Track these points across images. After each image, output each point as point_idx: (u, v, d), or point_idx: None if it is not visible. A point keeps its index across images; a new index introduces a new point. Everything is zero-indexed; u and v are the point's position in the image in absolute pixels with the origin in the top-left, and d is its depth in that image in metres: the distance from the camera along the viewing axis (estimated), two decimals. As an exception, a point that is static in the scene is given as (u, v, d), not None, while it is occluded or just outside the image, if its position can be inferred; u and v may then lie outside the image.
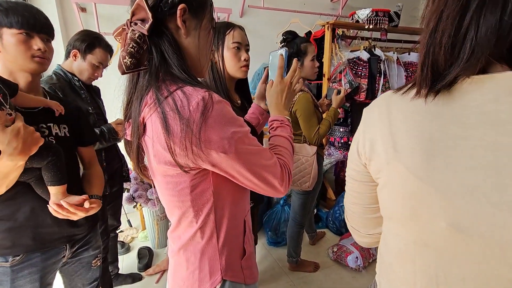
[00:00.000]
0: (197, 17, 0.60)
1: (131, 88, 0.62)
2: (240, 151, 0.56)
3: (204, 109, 0.52)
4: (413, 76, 2.95)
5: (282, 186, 0.63)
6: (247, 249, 0.72)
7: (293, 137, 0.76)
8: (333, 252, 2.08)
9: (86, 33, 1.37)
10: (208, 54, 0.66)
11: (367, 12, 2.49)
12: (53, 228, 0.90)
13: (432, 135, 0.39)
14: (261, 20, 2.89)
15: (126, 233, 2.46)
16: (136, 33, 0.55)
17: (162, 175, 0.61)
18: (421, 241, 0.43)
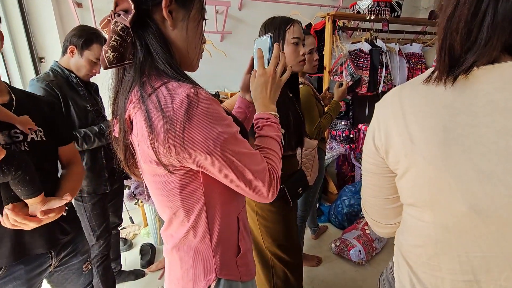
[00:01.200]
0: (185, 8, 0.57)
1: (117, 83, 0.59)
2: (226, 153, 0.54)
3: (188, 107, 0.49)
4: (415, 67, 2.91)
5: (270, 192, 0.60)
6: (242, 247, 0.70)
7: (281, 135, 0.71)
8: (336, 246, 2.08)
9: (83, 28, 1.34)
10: (198, 47, 0.63)
11: (368, 2, 2.44)
12: (33, 233, 0.83)
13: (445, 125, 0.41)
14: (260, 13, 2.84)
15: (128, 230, 2.47)
16: (119, 25, 0.52)
17: (150, 174, 0.60)
18: (442, 225, 0.45)
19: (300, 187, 1.21)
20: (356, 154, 2.76)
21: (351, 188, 2.49)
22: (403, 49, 2.87)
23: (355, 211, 2.35)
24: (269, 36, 0.73)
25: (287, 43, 1.07)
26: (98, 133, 1.35)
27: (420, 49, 2.94)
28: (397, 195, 0.54)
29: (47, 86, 1.23)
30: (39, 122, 0.86)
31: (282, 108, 1.06)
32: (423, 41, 3.05)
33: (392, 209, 0.58)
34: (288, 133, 1.10)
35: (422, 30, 3.11)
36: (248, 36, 2.83)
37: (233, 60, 2.81)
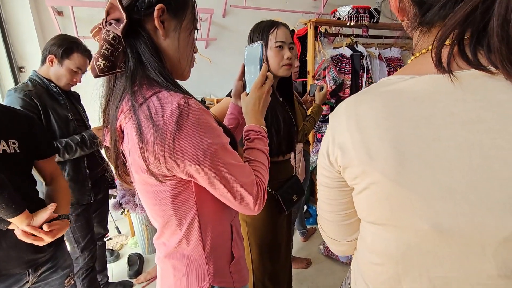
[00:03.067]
0: (177, 18, 0.58)
1: (108, 91, 0.59)
2: (216, 164, 0.54)
3: (179, 117, 0.50)
4: (395, 71, 3.01)
5: (256, 205, 0.61)
6: (235, 254, 0.70)
7: (268, 149, 0.73)
8: (324, 248, 2.10)
9: (63, 37, 1.33)
10: (189, 56, 0.64)
11: (348, 9, 2.52)
12: (9, 253, 0.82)
13: (405, 139, 0.38)
14: (244, 20, 2.89)
15: (115, 241, 2.41)
16: (110, 34, 0.52)
17: (142, 183, 0.60)
18: (403, 244, 0.43)
19: (294, 194, 1.19)
20: (342, 156, 2.82)
21: (337, 190, 2.53)
22: (383, 53, 2.97)
23: (342, 212, 2.39)
24: (259, 44, 0.74)
25: (270, 47, 1.07)
26: (80, 143, 1.33)
27: (399, 53, 3.05)
28: (353, 209, 0.52)
29: (26, 96, 1.21)
30: (12, 135, 0.84)
31: (272, 113, 1.07)
32: (401, 45, 3.17)
33: (349, 225, 0.55)
34: (278, 138, 1.10)
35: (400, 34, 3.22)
36: (232, 42, 2.87)
37: (218, 66, 2.84)
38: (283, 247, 1.25)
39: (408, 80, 0.40)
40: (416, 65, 0.43)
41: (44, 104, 1.26)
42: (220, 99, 2.57)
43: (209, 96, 2.83)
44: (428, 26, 0.42)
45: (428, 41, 0.43)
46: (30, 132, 0.90)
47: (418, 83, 0.39)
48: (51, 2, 2.02)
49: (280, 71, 1.09)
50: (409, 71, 0.43)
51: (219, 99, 2.57)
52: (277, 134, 1.09)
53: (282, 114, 1.11)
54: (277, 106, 1.10)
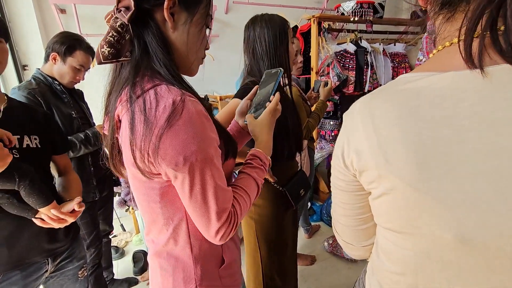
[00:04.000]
0: (188, 11, 0.56)
1: (113, 78, 0.59)
2: (193, 175, 0.51)
3: (170, 114, 0.48)
4: (399, 66, 2.98)
5: (217, 235, 0.56)
6: (226, 258, 0.68)
7: (262, 181, 0.69)
8: (329, 244, 2.10)
9: (66, 35, 1.33)
10: (198, 52, 0.62)
11: (352, 4, 2.49)
12: (31, 243, 0.86)
13: (424, 141, 0.35)
14: (246, 16, 2.84)
15: (119, 238, 2.43)
16: (118, 21, 0.52)
17: (132, 177, 0.59)
18: (422, 253, 0.40)
19: (301, 188, 1.19)
20: (346, 153, 2.80)
21: (341, 187, 2.52)
22: (387, 49, 2.94)
23: (347, 209, 2.39)
24: (279, 71, 0.75)
25: (290, 42, 1.07)
26: (84, 140, 1.33)
27: (403, 49, 3.01)
28: (370, 213, 0.49)
29: (29, 94, 1.21)
30: (34, 131, 0.88)
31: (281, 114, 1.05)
32: (406, 40, 3.13)
33: (366, 230, 0.52)
34: (288, 138, 1.10)
35: (405, 30, 3.19)
36: (235, 39, 2.85)
37: (221, 63, 2.82)
38: (290, 242, 1.26)
39: (429, 77, 0.37)
40: (438, 60, 0.40)
41: (47, 102, 1.26)
42: (224, 97, 2.57)
43: (212, 93, 2.82)
44: (451, 9, 0.39)
45: (452, 29, 0.39)
46: (48, 128, 0.95)
47: (440, 81, 0.36)
48: (54, 0, 2.02)
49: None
50: (429, 67, 0.40)
51: (222, 97, 2.56)
52: (286, 135, 1.09)
53: (289, 113, 1.10)
54: (286, 105, 1.08)
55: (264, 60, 1.05)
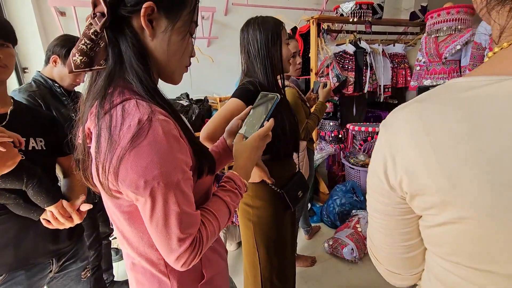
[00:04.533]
0: (169, 19, 0.53)
1: (89, 85, 0.55)
2: (155, 201, 0.48)
3: (134, 134, 0.45)
4: (398, 67, 2.98)
5: (178, 262, 0.51)
6: (206, 273, 0.64)
7: (236, 206, 0.64)
8: (329, 246, 2.10)
9: (66, 38, 1.33)
10: (182, 60, 0.58)
11: (351, 5, 2.50)
12: (36, 244, 0.87)
13: (500, 160, 0.29)
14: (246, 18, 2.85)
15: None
16: (91, 28, 0.49)
17: (101, 192, 0.56)
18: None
19: (299, 190, 1.19)
20: (346, 153, 2.81)
21: (342, 188, 2.52)
22: (387, 49, 2.94)
23: (347, 210, 2.38)
24: (277, 97, 0.73)
25: (283, 43, 1.08)
26: (84, 142, 1.33)
27: (403, 49, 3.02)
28: (420, 238, 0.42)
29: (30, 97, 1.22)
30: (39, 133, 0.90)
31: (278, 114, 1.04)
32: (405, 41, 3.14)
33: (415, 256, 0.44)
34: (285, 139, 1.10)
35: (404, 30, 3.20)
36: (234, 40, 2.84)
37: (220, 65, 2.83)
38: (289, 244, 1.26)
39: (503, 82, 0.31)
40: (502, 62, 0.34)
41: (48, 104, 1.27)
42: (223, 98, 2.57)
43: (211, 94, 2.83)
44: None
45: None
46: (53, 130, 0.96)
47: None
48: (54, 3, 2.02)
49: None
50: (495, 69, 0.34)
51: (222, 98, 2.57)
52: (283, 135, 1.09)
53: (287, 115, 1.11)
54: (284, 108, 1.11)
55: (257, 61, 1.07)
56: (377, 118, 3.23)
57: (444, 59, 2.29)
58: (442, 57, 2.29)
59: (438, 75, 2.36)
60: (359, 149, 2.71)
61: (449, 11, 2.21)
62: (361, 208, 2.39)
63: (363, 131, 2.66)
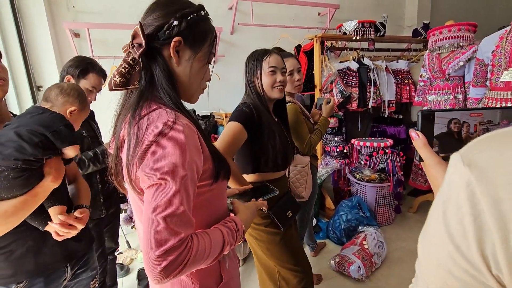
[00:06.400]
0: (192, 50, 0.64)
1: (123, 102, 0.66)
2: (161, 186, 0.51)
3: (159, 132, 0.54)
4: (402, 83, 3.01)
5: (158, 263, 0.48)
6: (224, 276, 0.70)
7: (229, 245, 0.63)
8: (335, 263, 2.06)
9: (80, 59, 1.40)
10: (200, 84, 0.69)
11: (354, 24, 2.57)
12: (54, 250, 0.90)
13: None
14: (252, 37, 2.97)
15: (125, 255, 2.42)
16: (130, 56, 0.59)
17: (130, 193, 0.64)
18: None
19: (288, 210, 1.23)
20: (351, 168, 2.79)
21: (348, 203, 2.49)
22: (390, 65, 2.99)
23: (353, 226, 2.35)
24: (275, 192, 0.95)
25: (264, 72, 1.19)
26: (92, 158, 1.37)
27: (406, 65, 3.06)
28: None
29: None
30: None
31: (268, 129, 1.16)
32: (408, 57, 3.18)
33: None
34: (274, 152, 1.17)
35: (407, 47, 3.25)
36: (240, 58, 2.92)
37: (227, 82, 2.90)
38: (301, 260, 1.30)
39: None
40: None
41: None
42: (229, 114, 2.62)
43: (217, 110, 2.88)
44: None
45: None
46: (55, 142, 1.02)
47: None
48: (69, 25, 2.14)
49: (273, 93, 1.21)
50: None
51: (227, 114, 2.62)
52: (273, 149, 1.16)
53: (277, 131, 1.19)
54: (273, 124, 1.19)
55: (248, 87, 1.23)
56: (383, 133, 3.23)
57: (448, 75, 2.31)
58: (445, 73, 2.32)
59: (442, 91, 2.38)
60: (364, 164, 2.70)
61: (450, 28, 2.25)
62: (367, 224, 2.35)
63: (368, 146, 2.66)
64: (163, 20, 0.60)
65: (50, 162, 0.82)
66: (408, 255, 2.21)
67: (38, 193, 0.79)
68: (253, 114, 1.13)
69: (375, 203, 2.58)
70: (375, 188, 2.54)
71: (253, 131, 1.13)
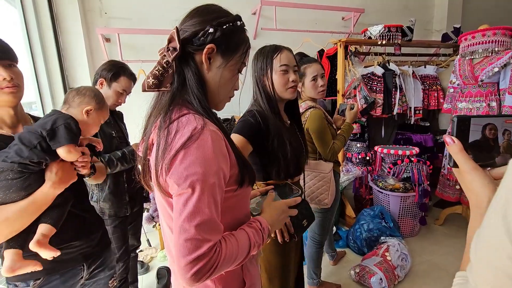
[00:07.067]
0: (223, 58, 0.65)
1: (155, 103, 0.67)
2: (191, 194, 0.53)
3: (187, 140, 0.54)
4: (430, 89, 2.90)
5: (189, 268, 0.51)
6: (247, 281, 0.70)
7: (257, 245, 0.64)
8: (356, 273, 2.00)
9: (113, 63, 1.47)
10: (228, 92, 0.70)
11: (379, 28, 2.51)
12: (70, 248, 0.92)
13: None
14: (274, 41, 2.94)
15: (145, 253, 2.49)
16: (164, 59, 0.61)
17: (157, 195, 0.65)
18: None
19: (304, 219, 1.12)
20: (374, 176, 2.71)
21: (369, 212, 2.42)
22: (417, 71, 2.89)
23: (375, 236, 2.27)
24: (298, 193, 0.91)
25: (275, 71, 1.09)
26: (121, 158, 1.42)
27: (434, 71, 2.95)
28: None
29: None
30: None
31: (278, 137, 1.05)
32: (437, 63, 3.06)
33: None
34: (286, 161, 1.09)
35: (436, 52, 3.13)
36: (263, 63, 2.95)
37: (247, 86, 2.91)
38: (292, 270, 1.22)
39: None
40: None
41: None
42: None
43: (238, 114, 2.91)
44: None
45: None
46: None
47: None
48: (101, 31, 2.25)
49: (286, 93, 1.11)
50: None
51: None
52: (284, 158, 1.08)
53: (288, 138, 1.09)
54: (284, 130, 1.09)
55: (259, 88, 1.11)
56: (408, 140, 3.11)
57: (481, 82, 2.20)
58: (478, 80, 2.20)
59: (474, 98, 2.26)
60: (388, 172, 2.61)
61: (484, 33, 2.14)
62: (390, 235, 2.27)
63: (392, 154, 2.57)
64: (200, 27, 0.62)
65: (51, 167, 0.80)
66: (434, 269, 2.10)
67: (37, 199, 0.77)
68: (259, 123, 1.04)
69: (399, 213, 2.48)
70: (399, 197, 2.45)
71: (259, 143, 1.05)
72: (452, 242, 2.45)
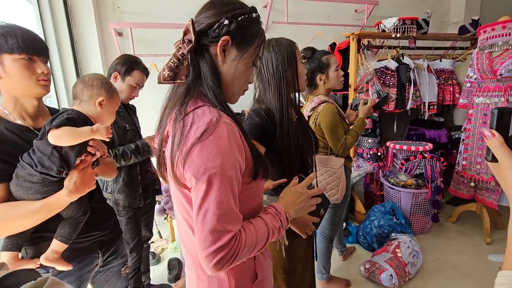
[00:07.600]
0: (238, 51, 0.64)
1: (170, 95, 0.68)
2: (210, 187, 0.54)
3: (203, 132, 0.55)
4: (445, 83, 2.81)
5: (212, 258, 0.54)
6: (259, 273, 0.71)
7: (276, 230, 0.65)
8: (365, 269, 1.99)
9: (126, 57, 1.49)
10: (242, 85, 0.69)
11: (394, 21, 2.45)
12: (86, 237, 0.95)
13: None
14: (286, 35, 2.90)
15: (157, 244, 2.54)
16: (180, 51, 0.61)
17: (173, 187, 0.66)
18: None
19: (321, 207, 1.07)
20: (385, 172, 2.67)
21: (380, 208, 2.39)
22: (432, 65, 2.81)
23: (385, 233, 2.25)
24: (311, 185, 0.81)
25: (299, 63, 1.09)
26: (134, 150, 1.45)
27: (450, 65, 2.86)
28: None
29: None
30: None
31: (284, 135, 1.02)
32: (453, 56, 2.97)
33: None
34: (290, 158, 1.05)
35: (452, 45, 3.03)
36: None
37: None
38: (298, 271, 1.20)
39: None
40: None
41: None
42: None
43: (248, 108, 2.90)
44: None
45: None
46: None
47: None
48: (114, 25, 2.27)
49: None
50: None
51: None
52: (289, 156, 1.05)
53: (297, 132, 1.06)
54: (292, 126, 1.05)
55: (270, 83, 1.04)
56: (421, 136, 3.04)
57: (499, 76, 2.13)
58: (496, 74, 2.13)
59: (493, 93, 2.19)
60: (400, 169, 2.57)
61: (505, 25, 2.06)
62: (402, 231, 2.24)
63: (405, 149, 2.53)
64: (215, 19, 0.61)
65: (72, 175, 0.80)
66: (447, 267, 2.07)
67: (51, 203, 0.79)
68: (267, 122, 1.01)
69: (411, 210, 2.45)
70: (411, 194, 2.41)
71: (266, 142, 1.03)
72: (465, 240, 2.41)
